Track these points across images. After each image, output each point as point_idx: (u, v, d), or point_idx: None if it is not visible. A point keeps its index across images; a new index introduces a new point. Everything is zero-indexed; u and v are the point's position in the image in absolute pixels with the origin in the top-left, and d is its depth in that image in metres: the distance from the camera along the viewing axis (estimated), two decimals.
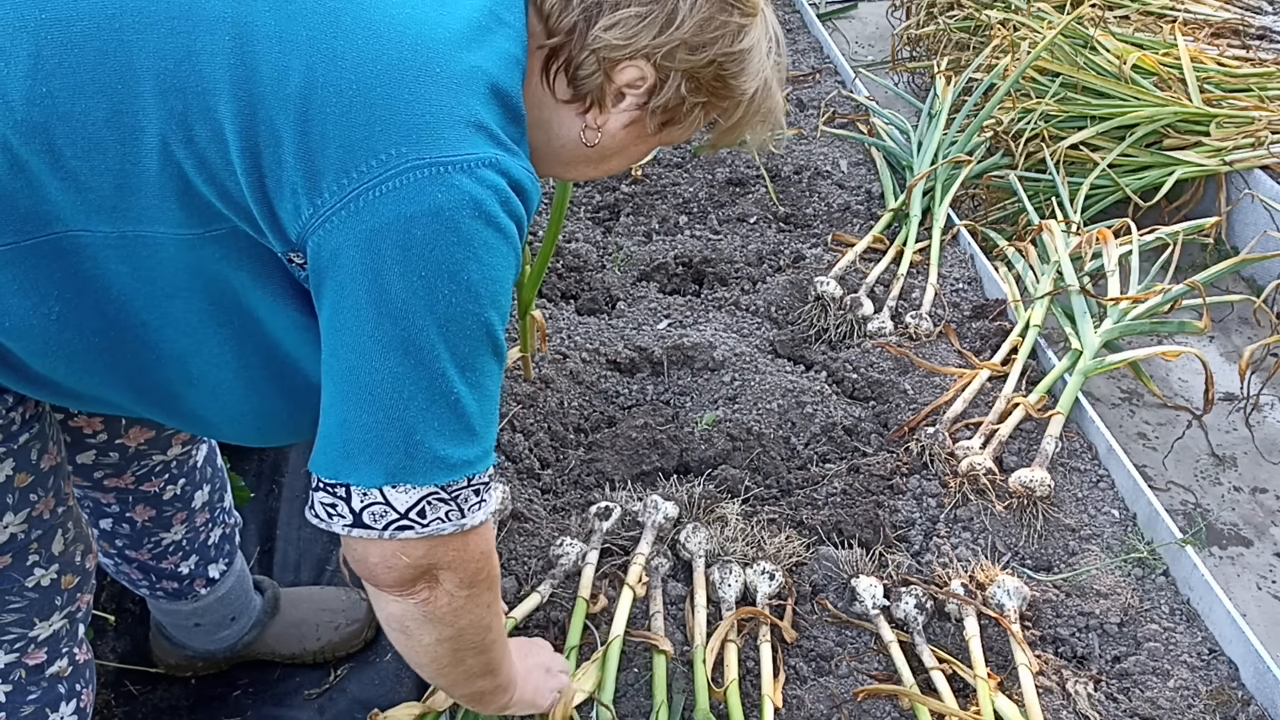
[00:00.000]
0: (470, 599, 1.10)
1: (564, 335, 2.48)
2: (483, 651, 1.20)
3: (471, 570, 1.09)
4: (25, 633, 1.24)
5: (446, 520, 1.02)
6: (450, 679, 1.23)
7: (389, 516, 1.00)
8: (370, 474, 0.98)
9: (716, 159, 3.18)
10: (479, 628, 1.16)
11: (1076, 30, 3.25)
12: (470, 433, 1.01)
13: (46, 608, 1.24)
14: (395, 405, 0.96)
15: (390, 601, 1.09)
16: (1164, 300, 2.45)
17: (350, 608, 1.88)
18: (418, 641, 1.13)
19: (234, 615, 1.76)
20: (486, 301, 0.97)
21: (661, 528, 1.90)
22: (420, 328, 0.94)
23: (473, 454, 1.02)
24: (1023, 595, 1.84)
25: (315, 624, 1.86)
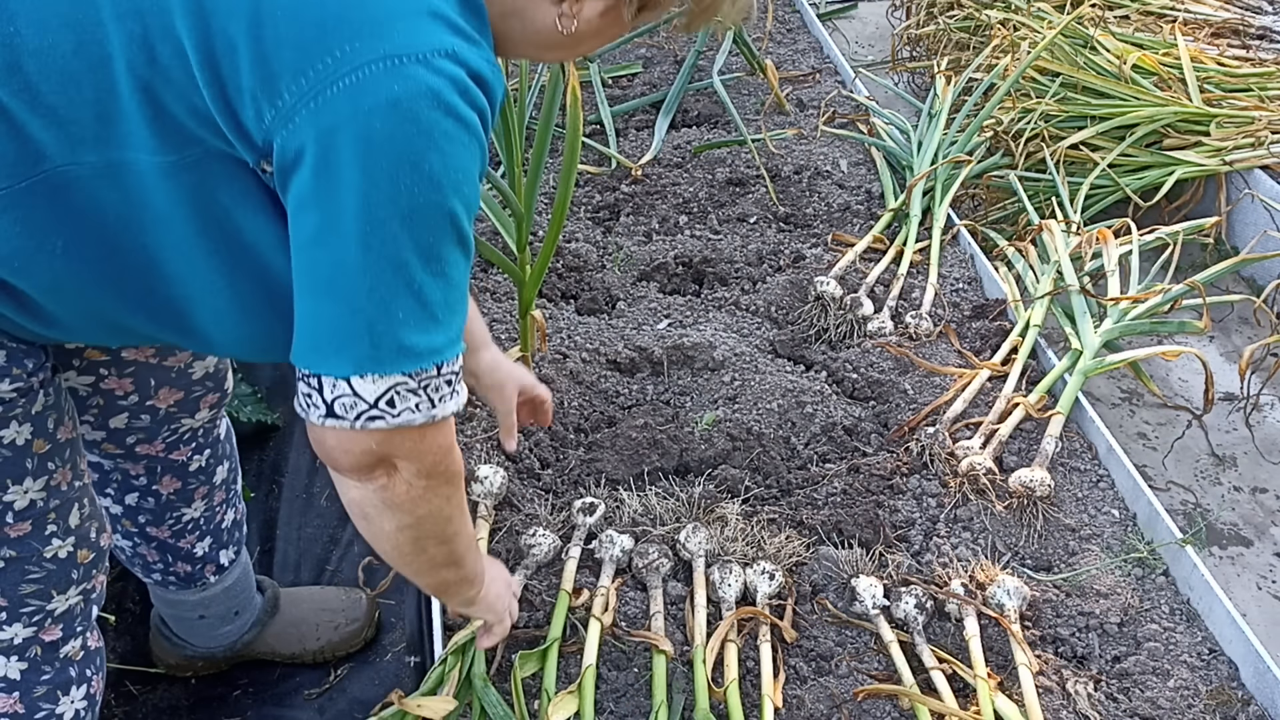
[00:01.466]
0: (429, 489, 1.11)
1: (564, 335, 2.48)
2: (444, 542, 1.22)
3: (430, 462, 1.09)
4: (43, 605, 1.25)
5: (416, 411, 1.03)
6: (415, 567, 1.24)
7: (359, 407, 1.01)
8: (338, 364, 0.99)
9: (716, 159, 3.18)
10: (439, 518, 1.17)
11: (1076, 30, 3.25)
12: (434, 320, 1.01)
13: (63, 581, 1.25)
14: (358, 296, 0.97)
15: (351, 487, 1.10)
16: (1164, 300, 2.45)
17: (350, 607, 1.89)
18: (379, 528, 1.14)
19: (237, 610, 1.77)
20: (449, 191, 0.97)
21: (619, 560, 1.91)
22: (382, 219, 0.95)
23: (439, 341, 1.02)
24: (1023, 595, 1.84)
25: (315, 624, 1.87)
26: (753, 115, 3.42)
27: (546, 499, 2.06)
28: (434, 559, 1.24)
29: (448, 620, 1.82)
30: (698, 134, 3.34)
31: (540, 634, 1.78)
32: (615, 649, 1.79)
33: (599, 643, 1.74)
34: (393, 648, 1.97)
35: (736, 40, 3.59)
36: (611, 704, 1.71)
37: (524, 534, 1.94)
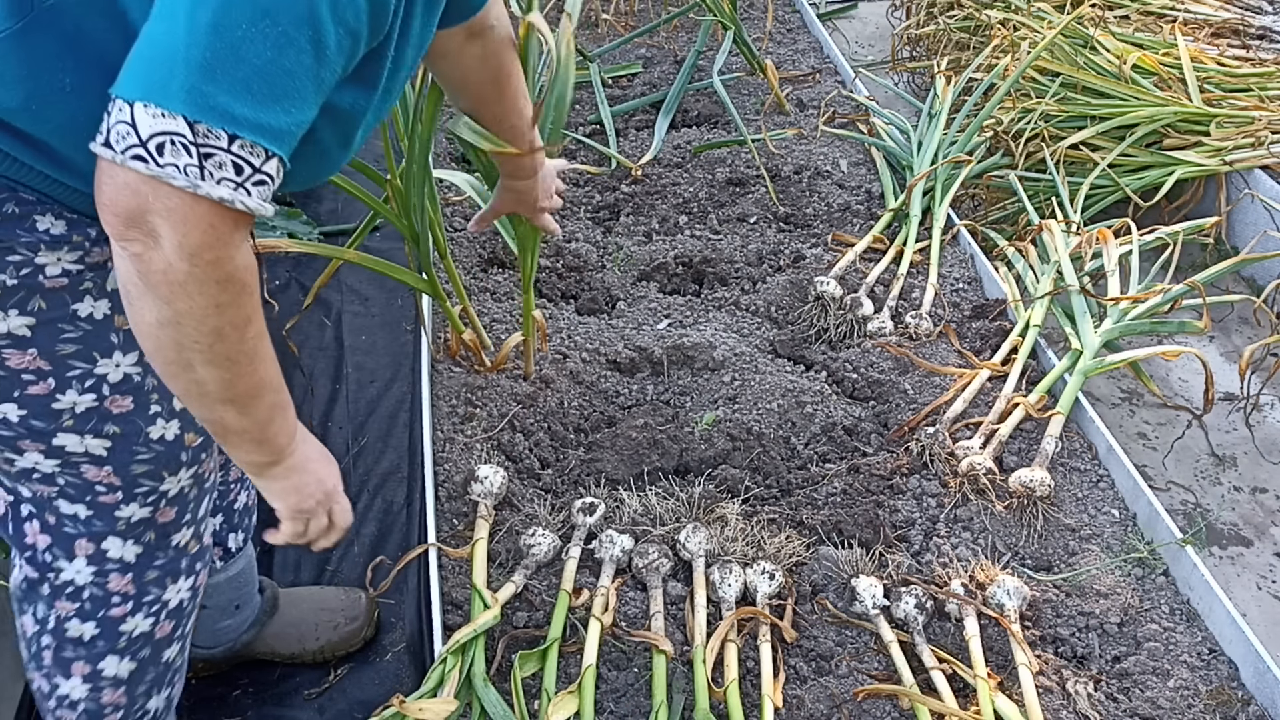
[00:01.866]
0: (191, 277, 0.98)
1: (564, 335, 2.48)
2: (214, 364, 1.06)
3: (194, 240, 0.97)
4: (156, 486, 1.29)
5: (181, 172, 0.94)
6: (182, 385, 1.08)
7: (129, 139, 0.93)
8: (131, 87, 0.94)
9: (716, 159, 3.18)
10: (205, 325, 1.02)
11: (1076, 30, 3.25)
12: (245, 87, 0.94)
13: (173, 462, 1.28)
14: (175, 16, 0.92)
15: (118, 256, 1.00)
16: (1164, 300, 2.45)
17: (349, 606, 1.90)
18: (140, 316, 1.02)
19: (238, 603, 1.77)
20: None
21: (619, 560, 1.91)
22: None
23: (240, 111, 0.94)
24: (1023, 595, 1.84)
25: (314, 623, 1.87)
26: (753, 115, 3.42)
27: (546, 499, 2.06)
28: (203, 384, 1.07)
29: (447, 621, 1.82)
30: (698, 134, 3.34)
31: (540, 634, 1.79)
32: (615, 649, 1.79)
33: (599, 643, 1.74)
34: (393, 648, 1.97)
35: (736, 40, 3.59)
36: (611, 704, 1.71)
37: (524, 534, 1.94)
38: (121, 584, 1.34)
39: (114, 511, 1.29)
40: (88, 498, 1.27)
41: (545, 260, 2.71)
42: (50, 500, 1.27)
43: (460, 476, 2.06)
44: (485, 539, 1.92)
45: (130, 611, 1.36)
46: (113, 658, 1.38)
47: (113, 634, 1.37)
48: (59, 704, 1.40)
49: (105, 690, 1.40)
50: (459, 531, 1.99)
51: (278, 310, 2.62)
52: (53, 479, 1.24)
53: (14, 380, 1.15)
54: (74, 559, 1.31)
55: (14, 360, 1.14)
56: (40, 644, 1.37)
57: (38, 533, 1.31)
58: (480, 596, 1.79)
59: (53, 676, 1.39)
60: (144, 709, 1.46)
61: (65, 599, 1.34)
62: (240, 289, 1.03)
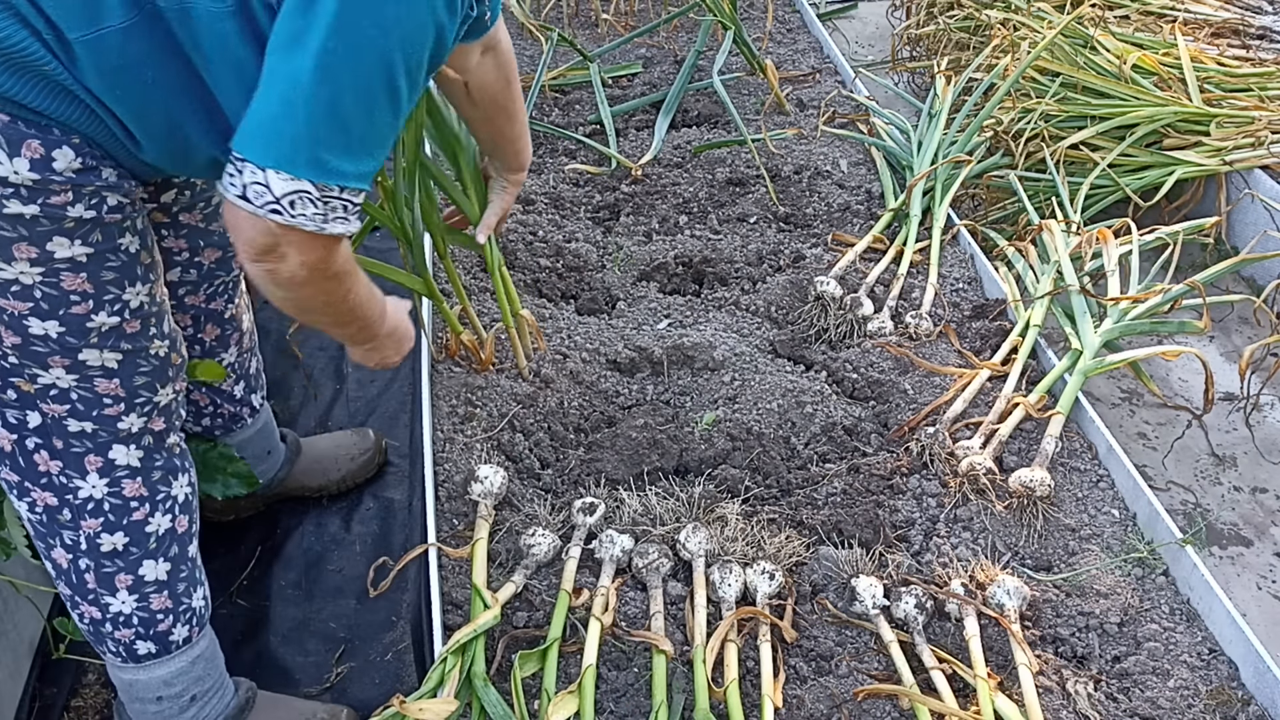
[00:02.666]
0: (309, 281, 1.31)
1: (564, 335, 2.48)
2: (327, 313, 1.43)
3: (313, 260, 1.29)
4: (151, 397, 1.49)
5: (310, 220, 1.23)
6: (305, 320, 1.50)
7: (266, 197, 1.20)
8: (262, 154, 1.19)
9: (716, 159, 3.18)
10: (318, 301, 1.39)
11: (1076, 30, 3.25)
12: (349, 150, 1.22)
13: (164, 377, 1.50)
14: (297, 106, 1.17)
15: (249, 263, 1.30)
16: (1164, 300, 2.45)
17: (361, 440, 2.28)
18: (270, 293, 1.35)
19: (269, 449, 2.10)
20: (394, 41, 1.18)
21: (619, 560, 1.91)
22: (331, 49, 1.15)
23: (347, 168, 1.23)
24: (1023, 595, 1.84)
25: (334, 458, 2.23)
26: (753, 115, 3.42)
27: (546, 499, 2.06)
28: (320, 323, 1.48)
29: (447, 621, 1.82)
30: (698, 134, 3.34)
31: (540, 634, 1.79)
32: (615, 649, 1.79)
33: (599, 643, 1.74)
34: (393, 647, 1.97)
35: (736, 40, 3.59)
36: (611, 704, 1.71)
37: (524, 534, 1.94)
38: (134, 488, 1.51)
39: (117, 423, 1.46)
40: (95, 411, 1.44)
41: (545, 260, 2.71)
42: (60, 420, 1.43)
43: (460, 476, 2.06)
44: (485, 539, 1.92)
45: (150, 512, 1.53)
46: (148, 562, 1.54)
47: (141, 537, 1.52)
48: (114, 625, 1.55)
49: (151, 596, 1.55)
50: (459, 531, 1.99)
51: None
52: (67, 395, 1.42)
53: (63, 300, 1.34)
54: (87, 475, 1.47)
55: (68, 282, 1.33)
56: (79, 569, 1.51)
57: (48, 460, 1.45)
58: (480, 596, 1.79)
59: (101, 599, 1.53)
60: (190, 608, 1.61)
61: (89, 516, 1.49)
62: (342, 278, 1.38)
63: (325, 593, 2.08)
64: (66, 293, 1.34)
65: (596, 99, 3.40)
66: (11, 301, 1.32)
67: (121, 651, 1.58)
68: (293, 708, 1.80)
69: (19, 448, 1.45)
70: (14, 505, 1.51)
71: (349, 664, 1.94)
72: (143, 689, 1.62)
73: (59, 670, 1.89)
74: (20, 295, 1.32)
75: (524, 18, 3.87)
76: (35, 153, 1.23)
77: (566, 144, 3.28)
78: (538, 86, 3.40)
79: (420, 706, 1.59)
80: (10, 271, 1.30)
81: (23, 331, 1.35)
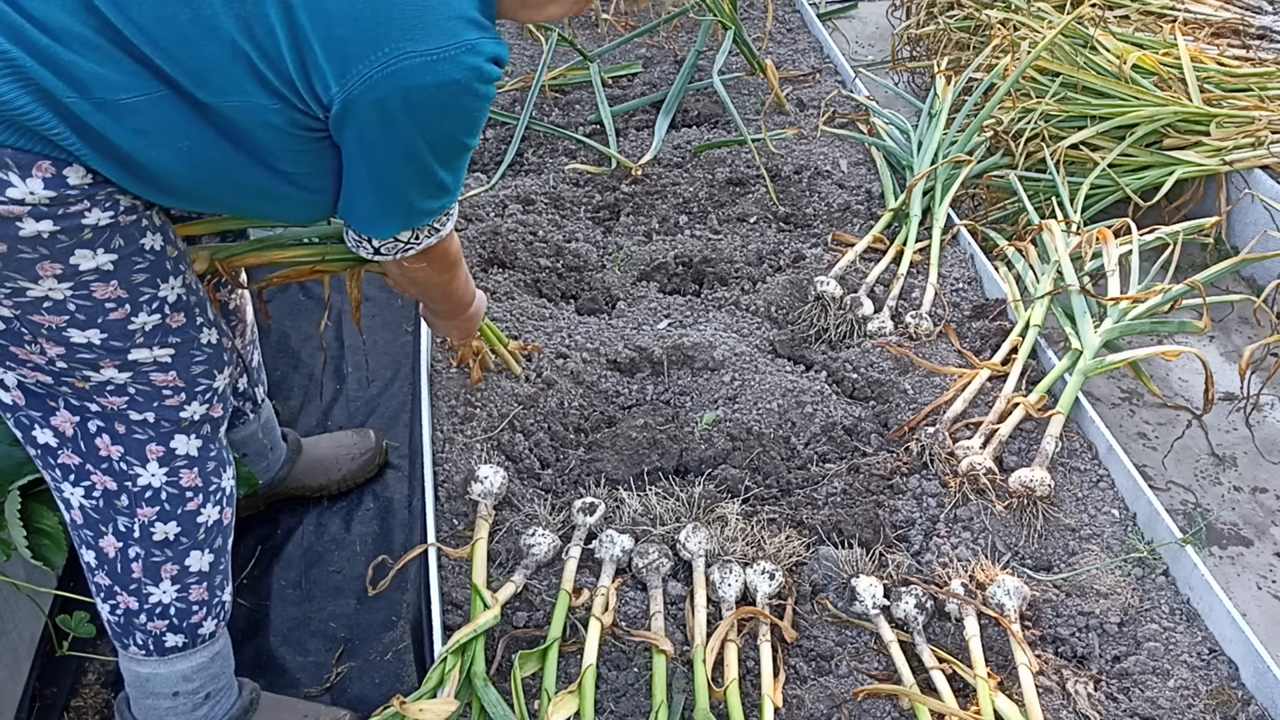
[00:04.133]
0: (429, 270, 1.68)
1: (564, 335, 2.48)
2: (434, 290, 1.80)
3: (432, 256, 1.63)
4: (210, 384, 1.55)
5: (431, 237, 1.59)
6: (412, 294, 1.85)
7: (398, 248, 1.57)
8: (383, 229, 1.53)
9: (716, 158, 3.18)
10: (431, 283, 1.75)
11: (1076, 30, 3.25)
12: (445, 190, 1.51)
13: (219, 362, 1.57)
14: (401, 191, 1.46)
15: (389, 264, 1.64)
16: (1164, 300, 2.45)
17: (361, 440, 2.31)
18: (392, 271, 1.67)
19: (271, 445, 2.13)
20: (463, 133, 1.43)
21: (619, 560, 1.91)
22: (419, 149, 1.40)
23: (447, 202, 1.54)
24: (1023, 595, 1.84)
25: (335, 458, 2.26)
26: (753, 115, 3.42)
27: (546, 499, 2.06)
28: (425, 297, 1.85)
29: (447, 621, 1.82)
30: (698, 134, 3.34)
31: (540, 634, 1.79)
32: (615, 649, 1.79)
33: (599, 643, 1.74)
34: (393, 647, 1.97)
35: (736, 40, 3.59)
36: (611, 704, 1.71)
37: (524, 534, 1.94)
38: (191, 479, 1.56)
39: (179, 412, 1.52)
40: (155, 403, 1.49)
41: (545, 260, 2.71)
42: (121, 411, 1.47)
43: (460, 476, 2.06)
44: (485, 539, 1.92)
45: (202, 503, 1.58)
46: (195, 552, 1.59)
47: (192, 528, 1.57)
48: (149, 616, 1.58)
49: (192, 587, 1.60)
50: (459, 531, 1.99)
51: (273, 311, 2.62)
52: (124, 389, 1.46)
53: (98, 309, 1.37)
54: (147, 463, 1.51)
55: (99, 292, 1.36)
56: (127, 558, 1.55)
57: (110, 445, 1.49)
58: (480, 596, 1.79)
59: (144, 589, 1.57)
60: (220, 601, 1.66)
61: (145, 504, 1.53)
62: (456, 265, 1.75)
63: (325, 593, 2.08)
64: (100, 301, 1.36)
65: (596, 99, 3.40)
66: (47, 317, 1.34)
67: (149, 644, 1.60)
68: (295, 709, 1.81)
69: (81, 431, 1.47)
70: (66, 494, 1.52)
71: (349, 664, 1.94)
72: (160, 683, 1.62)
73: (59, 670, 1.89)
74: (54, 310, 1.34)
75: None
76: (47, 172, 1.26)
77: (566, 144, 3.28)
78: (538, 86, 3.40)
79: (420, 707, 1.59)
80: (39, 290, 1.31)
81: (64, 342, 1.38)
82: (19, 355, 1.39)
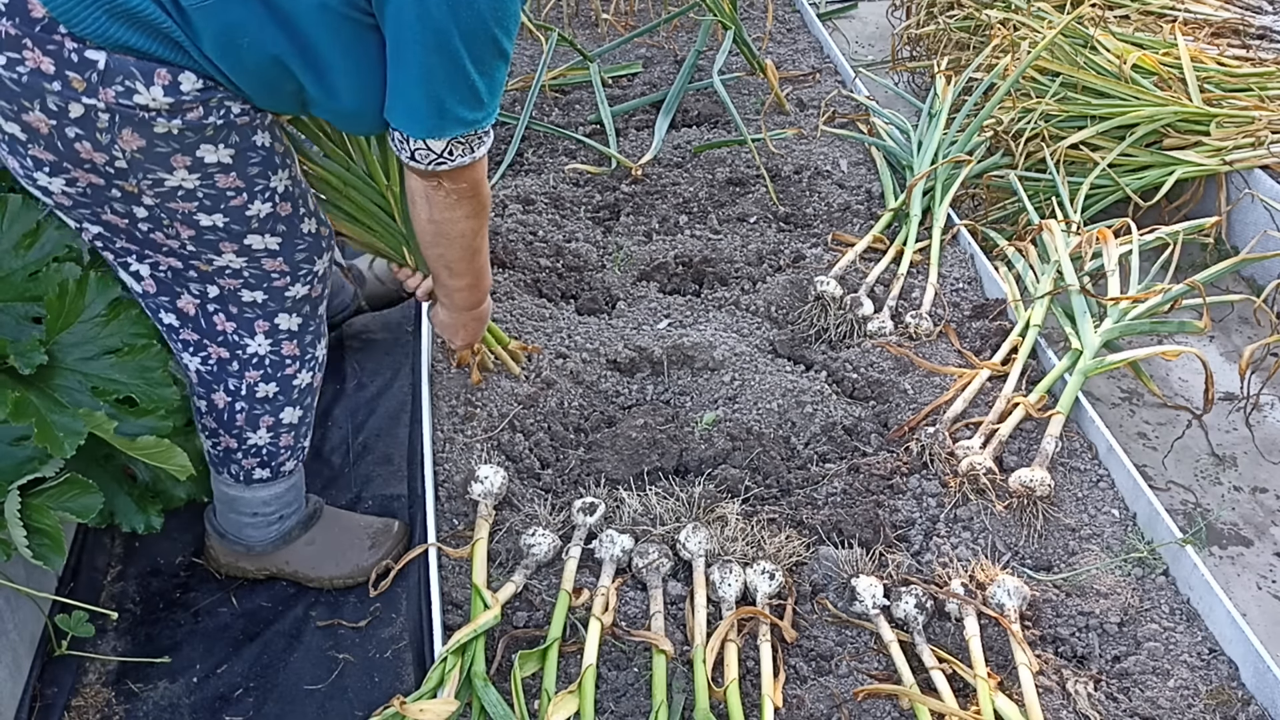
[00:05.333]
0: (457, 202, 1.70)
1: (564, 335, 2.48)
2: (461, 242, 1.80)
3: (463, 185, 1.68)
4: (311, 268, 1.75)
5: (465, 156, 1.62)
6: (436, 255, 1.85)
7: (430, 157, 1.60)
8: (417, 129, 1.56)
9: (716, 158, 3.18)
10: (456, 227, 1.76)
11: (1076, 30, 3.25)
12: (480, 103, 1.55)
13: (318, 249, 1.75)
14: (434, 87, 1.50)
15: (414, 179, 1.68)
16: (1164, 300, 2.45)
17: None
18: (421, 213, 1.73)
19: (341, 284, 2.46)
20: (494, 23, 1.47)
21: (619, 560, 1.91)
22: (450, 36, 1.44)
23: (480, 115, 1.57)
24: (1023, 595, 1.84)
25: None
26: (753, 115, 3.42)
27: (546, 499, 2.06)
28: (448, 260, 1.85)
29: (447, 621, 1.82)
30: (698, 134, 3.34)
31: (540, 634, 1.79)
32: (615, 649, 1.79)
33: (599, 642, 1.74)
34: (393, 646, 1.97)
35: (736, 40, 3.59)
36: (611, 704, 1.71)
37: (524, 534, 1.94)
38: (291, 349, 1.80)
39: (284, 293, 1.73)
40: (264, 284, 1.71)
41: (545, 260, 2.71)
42: (235, 292, 1.70)
43: (460, 476, 2.06)
44: (485, 539, 1.92)
45: (298, 369, 1.83)
46: (289, 409, 1.85)
47: (289, 389, 1.83)
48: (245, 454, 1.86)
49: (282, 435, 1.87)
50: (459, 531, 1.99)
51: None
52: (240, 272, 1.68)
53: (221, 196, 1.57)
54: (255, 335, 1.75)
55: (221, 182, 1.56)
56: (234, 410, 1.81)
57: (225, 321, 1.73)
58: (480, 596, 1.79)
59: (244, 434, 1.83)
60: (301, 446, 1.94)
61: (252, 369, 1.78)
62: (484, 207, 1.77)
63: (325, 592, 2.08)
64: (222, 190, 1.57)
65: (596, 99, 3.40)
66: (180, 204, 1.56)
67: (240, 475, 1.88)
68: (352, 519, 2.09)
69: (201, 311, 1.72)
70: (185, 361, 1.77)
71: (349, 663, 1.94)
72: (244, 505, 1.93)
73: (59, 670, 1.89)
74: (186, 198, 1.55)
75: (524, 17, 3.87)
76: (165, 79, 1.42)
77: (566, 144, 3.28)
78: (538, 86, 3.40)
79: (420, 707, 1.59)
80: (174, 179, 1.52)
81: (195, 225, 1.59)
82: (158, 240, 1.60)
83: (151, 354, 1.72)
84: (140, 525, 1.84)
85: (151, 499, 1.88)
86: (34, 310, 1.73)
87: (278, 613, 2.04)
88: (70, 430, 1.58)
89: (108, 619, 1.95)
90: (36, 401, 1.60)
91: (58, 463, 1.67)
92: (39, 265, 1.75)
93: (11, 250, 1.74)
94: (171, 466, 1.70)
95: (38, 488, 1.68)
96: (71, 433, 1.58)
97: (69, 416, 1.60)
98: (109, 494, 1.80)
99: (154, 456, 1.68)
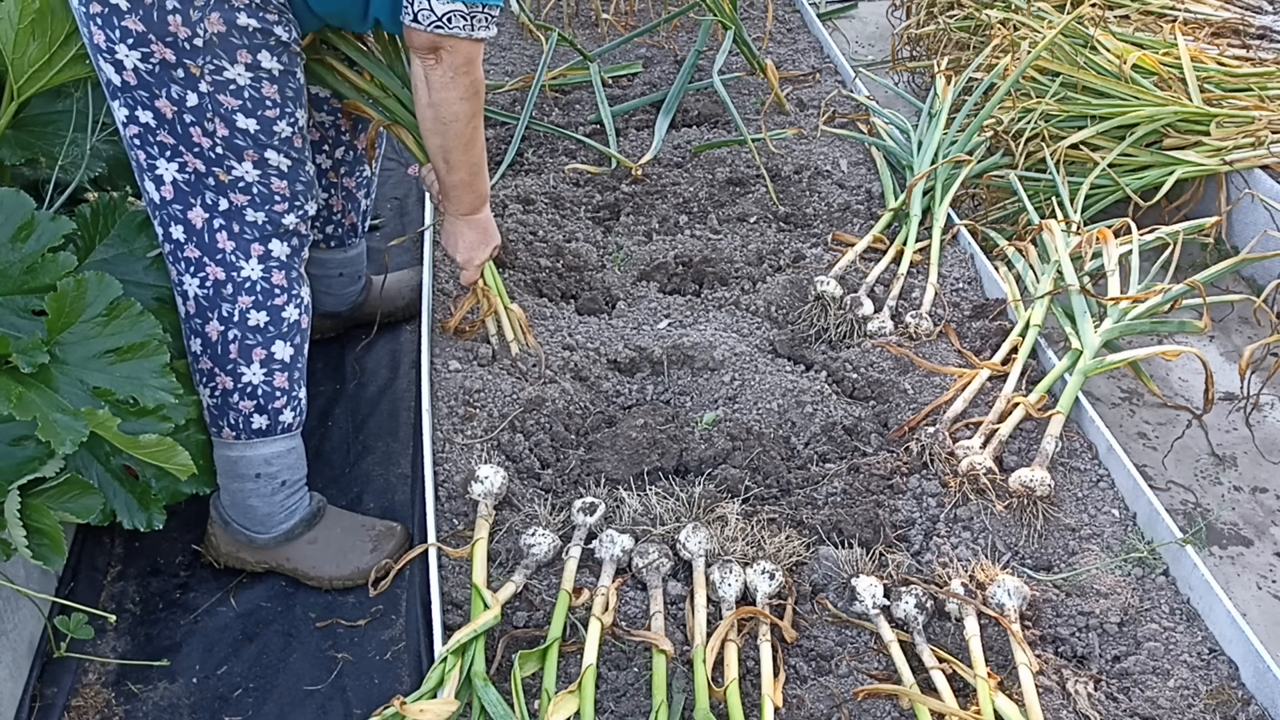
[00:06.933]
0: (454, 81, 1.86)
1: (564, 335, 2.48)
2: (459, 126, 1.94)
3: (459, 61, 1.83)
4: (304, 205, 1.92)
5: (463, 29, 1.78)
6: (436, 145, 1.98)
7: (431, 18, 1.77)
8: None
9: (716, 158, 3.18)
10: (455, 112, 1.91)
11: (1076, 30, 3.25)
12: None
13: (312, 191, 1.95)
14: None
15: (418, 63, 1.86)
16: (1164, 300, 2.45)
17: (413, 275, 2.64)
18: (422, 98, 1.89)
19: (359, 274, 2.60)
20: None
21: (619, 560, 1.91)
22: None
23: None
24: (1023, 595, 1.84)
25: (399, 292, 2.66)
26: (753, 115, 3.42)
27: (546, 499, 2.06)
28: (448, 148, 1.98)
29: (447, 621, 1.82)
30: (698, 134, 3.34)
31: (540, 634, 1.79)
32: (615, 649, 1.79)
33: (599, 642, 1.74)
34: (393, 647, 1.97)
35: (736, 40, 3.59)
36: (611, 704, 1.71)
37: (524, 534, 1.94)
38: (279, 278, 1.91)
39: (281, 219, 1.89)
40: (267, 206, 1.87)
41: (545, 260, 2.71)
42: (241, 210, 1.85)
43: (460, 476, 2.06)
44: (485, 539, 1.92)
45: (286, 301, 1.92)
46: (280, 342, 1.93)
47: (278, 320, 1.92)
48: (240, 395, 1.92)
49: (276, 373, 1.93)
50: (459, 531, 1.99)
51: None
52: (250, 188, 1.84)
53: (260, 102, 1.79)
54: (249, 258, 1.88)
55: (265, 90, 1.79)
56: (227, 340, 1.89)
57: (226, 239, 1.86)
58: (480, 596, 1.79)
59: (238, 369, 1.91)
60: (297, 398, 1.99)
61: (244, 294, 1.88)
62: (477, 92, 1.91)
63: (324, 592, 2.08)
64: (264, 97, 1.78)
65: (596, 99, 3.40)
66: (228, 98, 1.75)
67: (239, 424, 1.93)
68: (355, 520, 2.12)
69: (207, 226, 1.85)
70: (185, 285, 1.87)
71: (348, 663, 1.94)
72: (246, 465, 1.95)
73: (59, 670, 1.89)
74: (234, 93, 1.75)
75: (524, 17, 3.87)
76: None
77: (566, 144, 3.28)
78: (538, 86, 3.40)
79: (420, 707, 1.59)
80: (231, 72, 1.74)
81: (231, 125, 1.78)
82: (193, 137, 1.77)
83: (152, 354, 1.72)
84: (142, 523, 1.84)
85: (154, 496, 1.88)
86: (33, 303, 1.73)
87: (277, 613, 2.04)
88: (71, 429, 1.58)
89: (106, 621, 1.95)
90: (38, 400, 1.60)
91: (58, 463, 1.67)
92: (35, 257, 1.74)
93: (8, 243, 1.73)
94: (173, 466, 1.70)
95: (38, 488, 1.68)
96: (73, 431, 1.58)
97: (70, 415, 1.60)
98: (110, 492, 1.81)
99: (156, 455, 1.68)
